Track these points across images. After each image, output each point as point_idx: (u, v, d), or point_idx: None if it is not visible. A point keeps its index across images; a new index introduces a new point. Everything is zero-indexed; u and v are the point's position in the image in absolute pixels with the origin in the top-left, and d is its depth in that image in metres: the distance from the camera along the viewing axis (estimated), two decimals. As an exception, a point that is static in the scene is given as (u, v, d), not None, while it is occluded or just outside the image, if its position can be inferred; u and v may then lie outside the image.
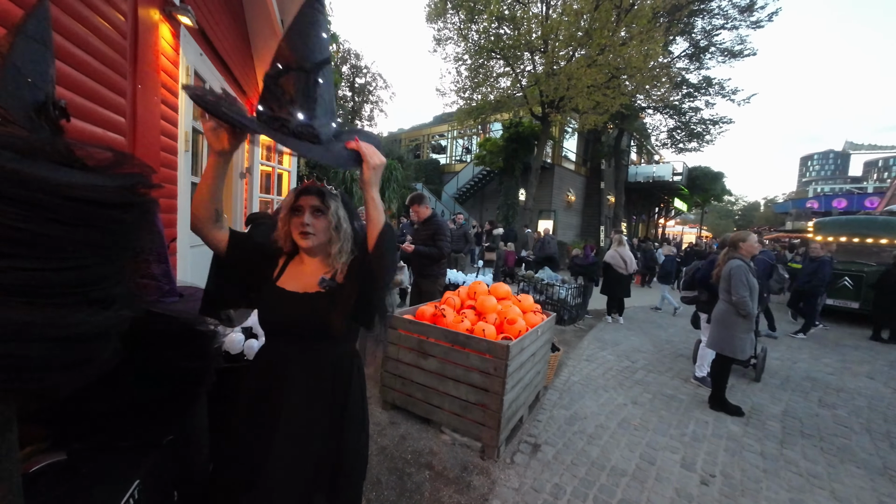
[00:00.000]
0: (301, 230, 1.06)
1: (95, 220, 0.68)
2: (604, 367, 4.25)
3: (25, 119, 0.69)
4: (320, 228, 1.08)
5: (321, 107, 0.91)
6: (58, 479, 0.90)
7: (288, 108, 0.85)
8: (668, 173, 19.62)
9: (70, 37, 1.37)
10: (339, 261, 1.11)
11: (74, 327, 0.66)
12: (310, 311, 1.06)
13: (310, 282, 1.10)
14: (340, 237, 1.09)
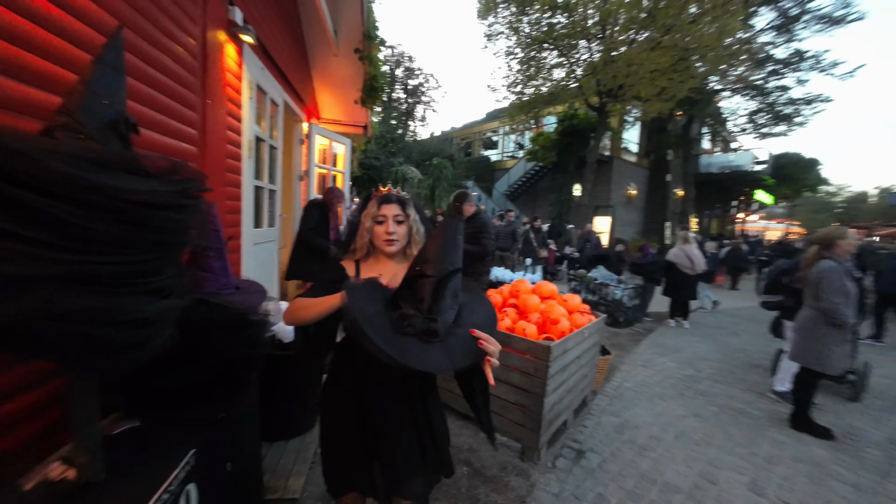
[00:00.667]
0: (387, 239, 1.17)
1: (152, 220, 0.78)
2: (662, 374, 3.93)
3: (101, 134, 0.81)
4: (402, 234, 1.19)
5: (446, 301, 0.99)
6: (132, 442, 1.05)
7: (416, 306, 0.96)
8: (749, 162, 17.49)
9: (151, 62, 1.58)
10: None
11: (134, 313, 0.76)
12: None
13: (391, 281, 1.15)
14: (420, 239, 1.21)
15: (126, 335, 0.77)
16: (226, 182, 2.30)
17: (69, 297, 0.67)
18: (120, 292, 0.75)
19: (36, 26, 1.05)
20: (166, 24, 1.66)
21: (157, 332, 0.84)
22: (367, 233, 1.20)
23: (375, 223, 1.20)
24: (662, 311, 6.83)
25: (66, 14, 1.14)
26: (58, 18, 1.11)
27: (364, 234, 1.21)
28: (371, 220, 1.20)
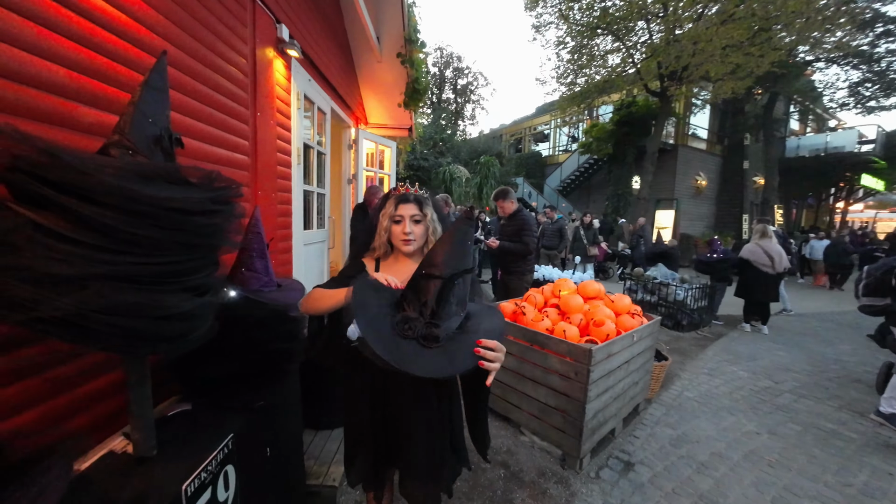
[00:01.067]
0: (404, 238, 1.19)
1: (185, 224, 0.86)
2: (731, 384, 3.53)
3: (147, 149, 0.92)
4: (419, 234, 1.20)
5: (450, 307, 0.98)
6: (182, 423, 1.17)
7: (420, 309, 0.97)
8: (851, 142, 15.00)
9: (206, 82, 1.75)
10: None
11: (172, 308, 0.85)
12: None
13: (408, 279, 1.21)
14: (435, 239, 1.21)
15: (165, 328, 0.86)
16: (276, 188, 2.48)
17: (114, 293, 0.76)
18: (159, 290, 0.83)
19: (108, 59, 1.21)
20: (219, 47, 1.83)
21: (194, 326, 0.93)
22: (384, 232, 1.23)
23: (393, 223, 1.21)
24: (736, 314, 6.15)
25: (133, 46, 1.30)
26: (124, 50, 1.27)
27: (382, 234, 1.23)
28: (388, 220, 1.22)
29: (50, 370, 1.04)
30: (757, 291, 5.07)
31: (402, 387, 1.20)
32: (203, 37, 1.70)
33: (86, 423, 1.15)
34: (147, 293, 0.81)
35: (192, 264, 0.91)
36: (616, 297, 2.79)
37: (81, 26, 1.12)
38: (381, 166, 5.53)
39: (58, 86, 1.06)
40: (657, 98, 11.65)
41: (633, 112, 12.93)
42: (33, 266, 0.71)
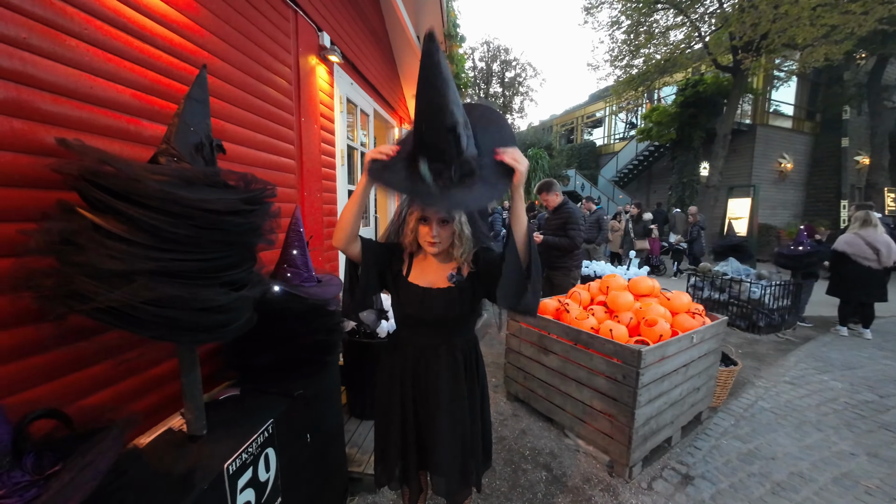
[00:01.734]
0: (430, 240, 1.18)
1: (221, 224, 0.93)
2: (820, 395, 3.07)
3: (189, 156, 1.00)
4: (445, 237, 1.19)
5: (464, 141, 0.94)
6: (232, 407, 1.28)
7: (443, 158, 0.94)
8: None
9: (254, 92, 1.89)
10: (462, 259, 1.22)
11: (210, 301, 0.92)
12: (449, 304, 1.20)
13: (438, 278, 1.23)
14: (462, 242, 1.20)
15: (205, 319, 0.94)
16: (322, 188, 2.61)
17: (158, 287, 0.85)
18: (199, 284, 0.91)
19: (164, 77, 1.35)
20: (264, 58, 1.96)
21: (233, 318, 1.01)
22: (411, 232, 1.22)
23: (420, 223, 1.20)
24: (828, 315, 5.36)
25: (185, 63, 1.44)
26: (177, 68, 1.41)
27: (409, 233, 1.23)
28: (415, 220, 1.20)
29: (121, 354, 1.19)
30: (857, 289, 4.35)
31: (437, 370, 1.22)
32: (248, 49, 1.83)
33: (156, 402, 1.30)
34: (187, 287, 0.89)
35: (228, 260, 0.98)
36: (673, 294, 2.55)
37: (140, 49, 1.26)
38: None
39: (122, 104, 1.19)
40: (729, 74, 10.45)
41: (701, 92, 11.70)
42: (93, 263, 0.81)
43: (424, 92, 0.89)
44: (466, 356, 1.28)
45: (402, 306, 1.24)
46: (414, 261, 1.28)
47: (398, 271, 1.26)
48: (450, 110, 0.88)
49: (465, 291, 1.22)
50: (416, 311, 1.22)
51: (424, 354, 1.25)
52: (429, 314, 1.21)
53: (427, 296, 1.21)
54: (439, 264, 1.26)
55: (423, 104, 0.91)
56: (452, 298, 1.21)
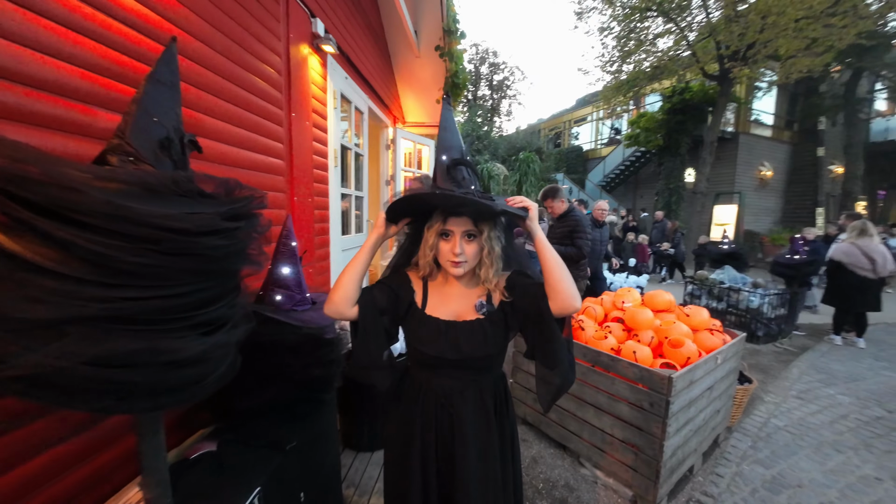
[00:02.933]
0: (453, 259, 0.96)
1: (192, 248, 0.69)
2: (831, 412, 2.98)
3: (151, 156, 0.76)
4: (472, 254, 0.97)
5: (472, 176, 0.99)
6: (207, 469, 1.02)
7: (466, 184, 0.96)
8: (955, 122, 12.92)
9: (238, 82, 1.63)
10: (491, 283, 1.01)
11: (177, 353, 0.67)
12: (479, 340, 0.99)
13: (462, 307, 1.03)
14: (492, 261, 0.99)
15: (171, 377, 0.69)
16: (313, 192, 2.36)
17: (103, 340, 0.60)
18: (161, 330, 0.67)
19: (127, 57, 1.09)
20: (251, 44, 1.71)
21: (208, 370, 0.76)
22: (430, 250, 0.99)
23: (440, 238, 0.98)
24: (817, 323, 5.40)
25: (157, 43, 1.18)
26: (145, 47, 1.15)
27: (427, 252, 0.99)
28: (435, 235, 0.98)
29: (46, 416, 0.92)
30: (853, 299, 4.35)
31: (463, 419, 1.00)
32: (231, 31, 1.57)
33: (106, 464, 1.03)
34: (145, 336, 0.64)
35: (203, 295, 0.74)
36: (691, 309, 2.40)
37: (96, 20, 1.00)
38: (420, 166, 5.36)
39: (69, 87, 0.93)
40: (715, 82, 10.62)
41: (688, 99, 11.87)
42: (6, 309, 0.56)
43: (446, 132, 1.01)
44: (497, 398, 1.07)
45: (418, 344, 1.01)
46: (430, 287, 1.06)
47: (410, 303, 1.04)
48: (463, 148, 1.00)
49: (497, 325, 1.01)
50: (437, 351, 0.99)
51: (448, 401, 1.02)
52: (453, 353, 0.98)
53: (451, 331, 1.00)
54: (464, 290, 1.05)
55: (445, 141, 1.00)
56: (482, 334, 0.99)
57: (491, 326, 1.01)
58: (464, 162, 0.96)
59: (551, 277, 0.91)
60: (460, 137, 1.03)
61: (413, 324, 1.03)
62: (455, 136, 1.01)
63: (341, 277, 0.98)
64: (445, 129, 1.01)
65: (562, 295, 0.90)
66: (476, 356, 0.99)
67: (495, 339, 1.01)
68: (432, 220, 0.99)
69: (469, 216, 0.95)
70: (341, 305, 0.96)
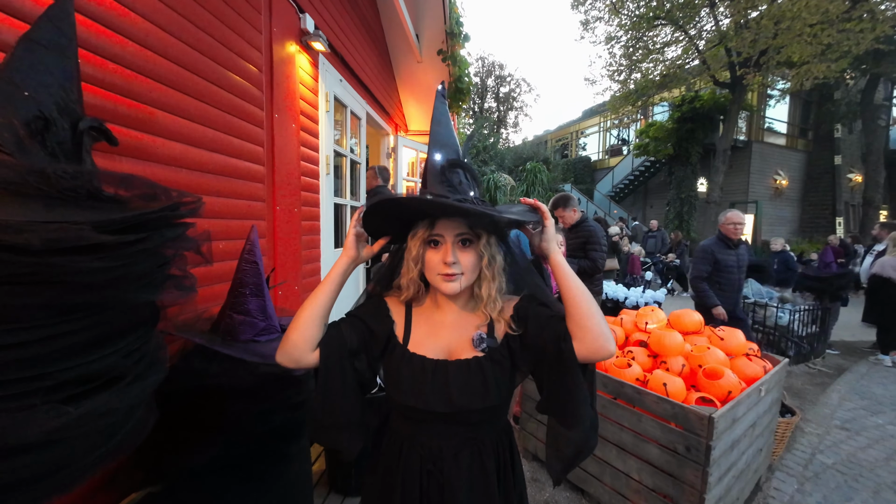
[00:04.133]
0: (445, 271, 0.74)
1: (45, 272, 0.46)
2: (883, 445, 2.63)
3: (12, 140, 0.54)
4: (469, 264, 0.76)
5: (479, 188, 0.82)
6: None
7: (464, 189, 0.78)
8: (979, 128, 12.47)
9: (208, 76, 1.44)
10: (494, 307, 0.79)
11: (13, 437, 0.44)
12: (477, 387, 0.75)
13: (456, 341, 0.79)
14: (494, 273, 0.78)
15: (13, 466, 0.46)
16: (300, 202, 2.15)
17: None
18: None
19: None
20: (223, 33, 1.52)
21: (72, 450, 0.52)
22: (414, 264, 0.77)
23: (427, 247, 0.76)
24: (851, 341, 5.02)
25: (120, 36, 0.98)
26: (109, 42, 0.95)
27: (411, 266, 0.78)
28: (420, 244, 0.76)
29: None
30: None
31: (457, 487, 0.75)
32: (200, 19, 1.38)
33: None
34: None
35: (67, 341, 0.50)
36: (726, 332, 2.11)
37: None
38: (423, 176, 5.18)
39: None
40: (727, 90, 10.39)
41: (698, 107, 11.65)
42: None
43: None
44: (500, 458, 0.82)
45: (396, 392, 0.77)
46: (415, 315, 0.83)
47: (389, 336, 0.80)
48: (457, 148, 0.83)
49: (501, 365, 0.77)
50: (422, 402, 0.74)
51: (437, 466, 0.77)
52: (442, 405, 0.74)
53: (439, 374, 0.75)
54: (458, 317, 0.81)
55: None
56: (480, 378, 0.75)
57: (493, 368, 0.76)
58: (460, 164, 0.77)
59: (577, 312, 0.69)
60: (455, 135, 0.86)
61: (392, 364, 0.79)
62: (450, 133, 0.83)
63: (298, 314, 0.74)
64: (439, 122, 0.82)
65: (591, 335, 0.67)
66: (472, 408, 0.75)
67: (498, 386, 0.76)
68: (416, 226, 0.77)
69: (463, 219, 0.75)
70: (297, 350, 0.72)
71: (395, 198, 0.75)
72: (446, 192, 0.74)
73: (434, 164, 0.77)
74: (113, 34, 1.05)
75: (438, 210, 0.74)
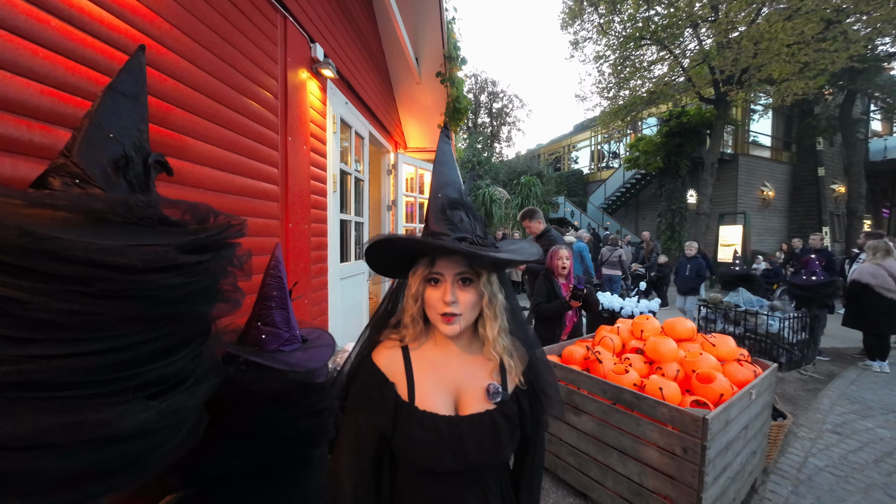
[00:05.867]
0: (444, 311, 0.73)
1: (140, 289, 0.55)
2: (874, 448, 2.73)
3: (102, 177, 0.63)
4: (468, 304, 0.74)
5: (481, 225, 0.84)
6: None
7: (465, 228, 0.79)
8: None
9: (232, 105, 1.55)
10: (500, 348, 0.77)
11: (110, 426, 0.52)
12: (488, 445, 0.73)
13: (465, 386, 0.77)
14: (496, 312, 0.76)
15: (103, 458, 0.54)
16: (310, 218, 2.25)
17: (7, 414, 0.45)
18: (88, 396, 0.52)
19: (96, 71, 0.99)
20: (246, 66, 1.64)
21: (154, 443, 0.60)
22: (414, 301, 0.77)
23: (427, 285, 0.76)
24: (841, 347, 5.16)
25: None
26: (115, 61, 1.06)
27: (410, 304, 0.77)
28: (420, 281, 0.76)
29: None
30: (880, 322, 4.13)
31: None
32: (224, 52, 1.50)
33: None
34: (66, 407, 0.49)
35: (151, 347, 0.59)
36: (717, 338, 2.22)
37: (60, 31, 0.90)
38: (421, 191, 5.30)
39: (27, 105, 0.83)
40: (712, 105, 10.80)
41: (685, 122, 12.05)
42: None
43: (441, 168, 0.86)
44: (504, 495, 0.82)
45: (410, 454, 0.73)
46: (414, 359, 0.78)
47: (394, 405, 0.75)
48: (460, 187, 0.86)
49: (512, 421, 0.77)
50: (439, 464, 0.71)
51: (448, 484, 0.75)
52: (456, 462, 0.71)
53: (455, 432, 0.72)
54: (463, 357, 0.80)
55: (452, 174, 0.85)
56: (496, 434, 0.74)
57: (505, 423, 0.75)
58: (462, 203, 0.78)
59: None
60: (459, 174, 0.88)
61: (401, 424, 0.74)
62: (453, 172, 0.85)
63: None
64: (443, 163, 0.85)
65: None
66: (487, 464, 0.75)
67: (512, 440, 0.76)
68: (418, 263, 0.77)
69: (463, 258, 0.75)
70: None
71: (393, 238, 0.75)
72: (447, 230, 0.74)
73: (437, 202, 0.78)
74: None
75: (434, 250, 0.75)
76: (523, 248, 0.81)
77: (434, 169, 0.86)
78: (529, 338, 0.84)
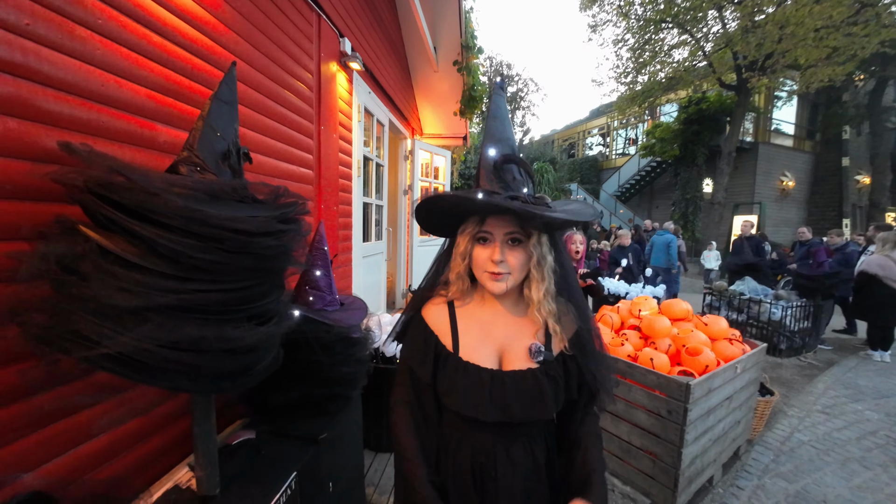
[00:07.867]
0: (492, 269, 0.73)
1: (250, 246, 0.78)
2: (858, 427, 2.90)
3: (214, 166, 0.85)
4: (517, 264, 0.73)
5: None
6: (247, 455, 1.10)
7: (517, 186, 0.76)
8: None
9: (275, 97, 1.76)
10: (545, 311, 0.76)
11: (238, 341, 0.76)
12: (531, 400, 0.73)
13: (509, 345, 0.77)
14: (543, 274, 0.74)
15: (230, 362, 0.77)
16: (339, 201, 2.47)
17: (178, 326, 0.69)
18: (223, 320, 0.75)
19: (184, 78, 1.21)
20: (287, 62, 1.84)
21: (259, 358, 0.85)
22: (462, 259, 0.77)
23: (476, 244, 0.75)
24: (845, 338, 5.24)
25: (207, 64, 1.30)
26: (199, 69, 1.27)
27: (458, 261, 0.77)
28: (469, 239, 0.75)
29: (124, 393, 1.01)
30: (886, 312, 4.22)
31: (509, 482, 0.75)
32: (271, 52, 1.70)
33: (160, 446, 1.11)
34: (211, 325, 0.73)
35: (257, 290, 0.82)
36: (710, 319, 2.40)
37: (160, 46, 1.12)
38: (437, 176, 5.48)
39: (137, 105, 1.05)
40: (733, 92, 10.55)
41: (704, 109, 11.80)
42: (99, 296, 0.65)
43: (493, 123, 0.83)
44: (550, 454, 0.81)
45: (455, 402, 0.75)
46: (459, 315, 0.80)
47: (436, 353, 0.78)
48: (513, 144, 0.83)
49: (557, 382, 0.75)
50: (482, 413, 0.73)
51: (490, 458, 0.76)
52: (499, 414, 0.73)
53: (497, 385, 0.73)
54: (508, 318, 0.79)
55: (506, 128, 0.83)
56: (538, 390, 0.73)
57: (549, 383, 0.74)
58: (515, 159, 0.75)
59: None
60: (512, 130, 0.84)
61: (446, 373, 0.76)
62: (505, 128, 0.81)
63: None
64: (496, 118, 0.81)
65: None
66: (531, 420, 0.75)
67: (556, 399, 0.75)
68: (467, 221, 0.76)
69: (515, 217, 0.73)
70: None
71: (445, 195, 0.73)
72: (498, 188, 0.72)
73: (488, 159, 0.75)
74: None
75: (484, 209, 0.72)
76: (580, 210, 0.77)
77: (487, 124, 0.82)
78: (580, 307, 0.81)
